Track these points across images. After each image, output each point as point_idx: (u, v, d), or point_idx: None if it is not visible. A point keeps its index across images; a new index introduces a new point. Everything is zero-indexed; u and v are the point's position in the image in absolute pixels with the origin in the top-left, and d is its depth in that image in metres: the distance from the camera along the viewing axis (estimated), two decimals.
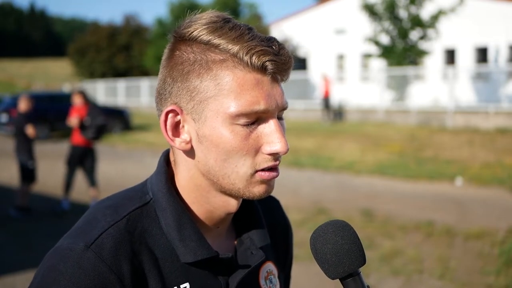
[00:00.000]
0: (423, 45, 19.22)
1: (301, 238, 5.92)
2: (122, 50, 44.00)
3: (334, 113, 19.38)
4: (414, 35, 19.05)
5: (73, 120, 7.34)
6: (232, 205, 0.87)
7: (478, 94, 19.97)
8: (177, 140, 0.84)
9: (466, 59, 22.09)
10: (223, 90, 0.79)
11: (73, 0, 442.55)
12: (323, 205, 7.49)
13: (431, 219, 6.62)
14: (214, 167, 0.82)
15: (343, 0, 25.49)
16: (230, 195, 0.85)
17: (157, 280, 0.82)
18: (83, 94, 7.66)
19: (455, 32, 21.50)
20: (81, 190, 8.50)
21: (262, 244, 0.93)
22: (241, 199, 0.88)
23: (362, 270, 0.80)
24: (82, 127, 7.35)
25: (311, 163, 11.21)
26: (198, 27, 0.81)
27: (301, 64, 27.89)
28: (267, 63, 0.79)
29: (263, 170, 0.82)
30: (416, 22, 18.59)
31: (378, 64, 22.09)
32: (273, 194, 0.95)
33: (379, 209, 7.23)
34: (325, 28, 26.27)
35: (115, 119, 18.74)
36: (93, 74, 42.63)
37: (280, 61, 0.80)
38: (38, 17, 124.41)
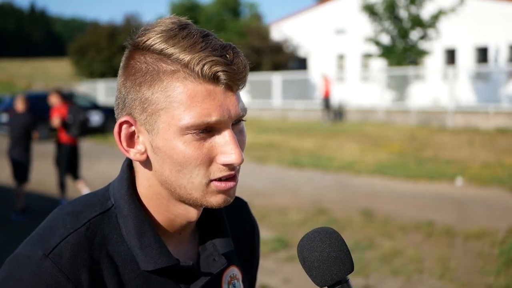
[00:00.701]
0: (423, 45, 19.23)
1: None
2: (122, 50, 43.94)
3: (334, 113, 19.37)
4: (414, 35, 19.05)
5: (55, 120, 7.36)
6: (192, 213, 0.86)
7: (478, 94, 19.97)
8: (132, 150, 0.83)
9: (466, 59, 22.09)
10: (173, 102, 0.78)
11: (73, 0, 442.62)
12: (323, 205, 7.49)
13: (431, 219, 6.62)
14: (170, 178, 0.81)
15: (343, 0, 25.50)
16: (189, 204, 0.85)
17: None
18: (60, 93, 7.67)
19: (455, 32, 21.51)
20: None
21: (225, 250, 0.93)
22: (201, 208, 0.88)
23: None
24: (66, 125, 7.39)
25: (311, 163, 11.20)
26: (153, 35, 0.79)
27: (301, 64, 27.90)
28: (219, 73, 0.78)
29: (219, 180, 0.81)
30: (416, 22, 18.59)
31: (378, 64, 22.09)
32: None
33: (379, 209, 7.23)
34: (325, 28, 26.27)
35: (115, 119, 18.72)
36: (93, 74, 42.62)
37: (233, 71, 0.79)
38: (38, 17, 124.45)
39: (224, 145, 0.80)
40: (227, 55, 0.79)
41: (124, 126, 0.83)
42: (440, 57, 22.59)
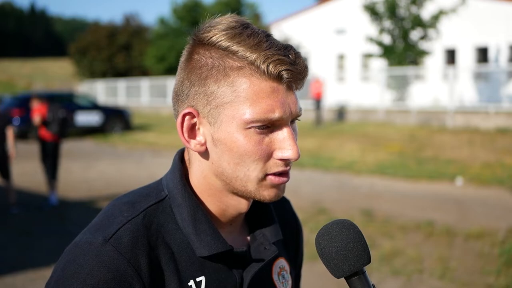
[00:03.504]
0: (424, 45, 19.22)
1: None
2: (122, 50, 44.00)
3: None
4: (414, 35, 19.05)
5: (36, 118, 7.74)
6: (243, 205, 0.90)
7: (478, 94, 19.97)
8: (193, 142, 0.86)
9: (466, 59, 22.09)
10: (239, 97, 0.81)
11: (73, 0, 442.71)
12: (323, 205, 7.49)
13: (431, 219, 6.62)
14: (227, 170, 0.84)
15: (343, 0, 25.50)
16: (242, 196, 0.88)
17: (174, 274, 0.84)
18: (40, 97, 8.17)
19: (456, 32, 21.51)
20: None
21: (275, 239, 0.95)
22: (251, 200, 0.90)
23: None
24: (46, 123, 7.74)
25: (311, 163, 11.21)
26: (217, 32, 0.83)
27: None
28: (283, 72, 0.81)
29: (274, 174, 0.85)
30: (417, 22, 18.58)
31: (379, 64, 22.08)
32: None
33: (379, 209, 7.24)
34: (325, 28, 26.27)
35: (115, 119, 18.75)
36: (93, 74, 42.64)
37: (296, 71, 0.82)
38: (38, 17, 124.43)
39: (283, 141, 0.83)
40: (290, 55, 0.82)
41: (187, 117, 0.86)
42: (440, 57, 22.59)
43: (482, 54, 21.99)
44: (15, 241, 5.94)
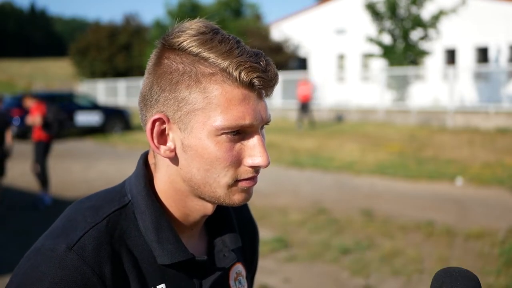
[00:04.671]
0: (424, 45, 19.22)
1: (301, 238, 5.92)
2: (122, 50, 44.00)
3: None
4: (414, 35, 19.05)
5: (37, 118, 7.58)
6: (209, 208, 0.90)
7: (478, 94, 19.97)
8: (162, 147, 0.85)
9: (466, 59, 22.09)
10: (211, 104, 0.81)
11: (73, 0, 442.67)
12: (323, 205, 7.49)
13: (431, 219, 6.62)
14: (196, 176, 0.84)
15: (343, 0, 25.49)
16: (209, 201, 0.88)
17: (137, 281, 0.84)
18: (34, 96, 8.02)
19: (456, 32, 21.50)
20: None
21: (234, 246, 0.96)
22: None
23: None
24: (46, 124, 7.62)
25: (311, 163, 11.20)
26: (188, 38, 0.82)
27: (302, 64, 27.89)
28: (255, 79, 0.81)
29: (243, 179, 0.85)
30: (417, 22, 18.58)
31: (379, 64, 22.08)
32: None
33: (379, 209, 7.23)
34: (325, 28, 26.27)
35: (115, 119, 18.75)
36: (93, 74, 42.63)
37: (267, 78, 0.82)
38: (38, 17, 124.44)
39: (253, 148, 0.84)
40: (261, 63, 0.82)
41: (157, 123, 0.85)
42: (440, 57, 22.59)
43: (482, 54, 21.99)
44: (14, 241, 5.93)
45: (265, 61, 0.83)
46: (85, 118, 18.01)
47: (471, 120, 15.83)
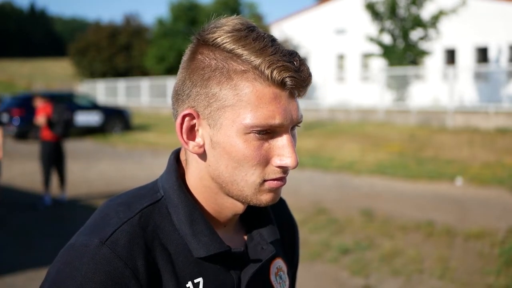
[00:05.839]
0: (424, 45, 19.22)
1: (301, 238, 5.91)
2: (122, 50, 44.02)
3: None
4: (414, 35, 19.05)
5: (41, 118, 7.62)
6: (239, 207, 0.89)
7: (478, 94, 19.98)
8: (191, 143, 0.85)
9: (466, 59, 22.09)
10: (241, 101, 0.80)
11: (73, 0, 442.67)
12: (323, 205, 7.49)
13: (431, 219, 6.62)
14: (224, 173, 0.84)
15: (343, 0, 25.50)
16: (237, 199, 0.87)
17: (171, 275, 0.83)
18: (43, 96, 8.06)
19: (456, 32, 21.50)
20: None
21: (272, 239, 0.95)
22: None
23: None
24: (51, 124, 7.65)
25: (311, 163, 11.20)
26: (223, 34, 0.82)
27: None
28: (287, 79, 0.80)
29: (271, 179, 0.84)
30: (417, 22, 18.58)
31: (379, 64, 22.09)
32: None
33: (379, 209, 7.23)
34: (325, 28, 26.27)
35: (115, 119, 18.75)
36: (93, 74, 42.65)
37: (300, 78, 0.81)
38: (38, 17, 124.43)
39: (282, 148, 0.83)
40: (295, 62, 0.81)
41: (187, 118, 0.85)
42: (440, 57, 22.59)
43: (482, 54, 21.99)
44: (14, 241, 5.93)
45: (298, 61, 0.82)
46: (85, 118, 18.02)
47: (471, 120, 15.83)
